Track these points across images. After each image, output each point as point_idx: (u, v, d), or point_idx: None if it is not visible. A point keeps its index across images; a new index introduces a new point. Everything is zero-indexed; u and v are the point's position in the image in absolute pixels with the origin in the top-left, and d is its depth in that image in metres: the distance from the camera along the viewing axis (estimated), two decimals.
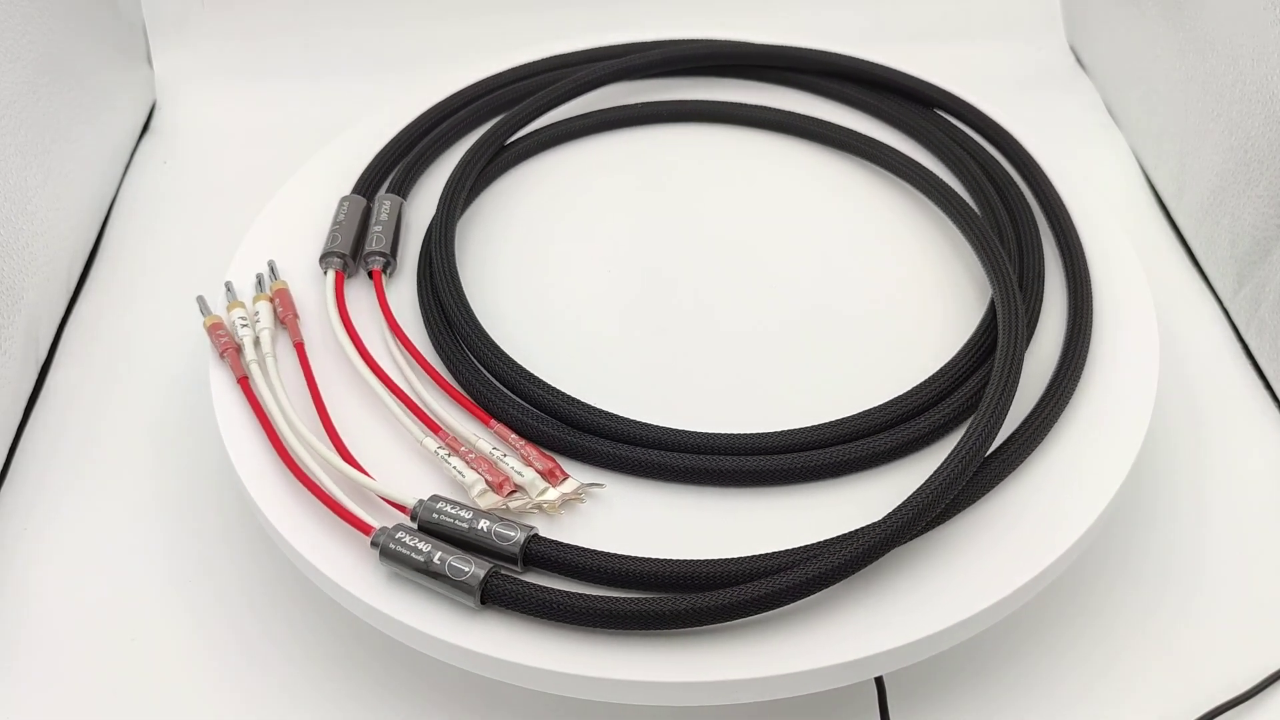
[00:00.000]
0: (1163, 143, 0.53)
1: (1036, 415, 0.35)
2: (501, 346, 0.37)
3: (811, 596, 0.30)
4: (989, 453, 0.33)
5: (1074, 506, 0.33)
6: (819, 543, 0.31)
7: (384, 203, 0.42)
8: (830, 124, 0.47)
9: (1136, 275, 0.40)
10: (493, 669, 0.30)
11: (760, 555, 0.31)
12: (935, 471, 0.32)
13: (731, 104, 0.49)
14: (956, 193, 0.43)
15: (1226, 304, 0.47)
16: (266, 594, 0.38)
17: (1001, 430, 0.33)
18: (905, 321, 0.40)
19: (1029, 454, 0.34)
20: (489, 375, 0.37)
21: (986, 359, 0.37)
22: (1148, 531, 0.39)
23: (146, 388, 0.45)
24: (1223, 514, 0.40)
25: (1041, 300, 0.39)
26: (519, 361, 0.37)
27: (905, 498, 0.31)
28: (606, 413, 0.35)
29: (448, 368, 0.37)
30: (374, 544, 0.31)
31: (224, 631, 0.37)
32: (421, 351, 0.38)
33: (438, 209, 0.42)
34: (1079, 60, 0.63)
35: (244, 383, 0.36)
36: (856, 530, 0.31)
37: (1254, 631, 0.36)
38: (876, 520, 0.31)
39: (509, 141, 0.46)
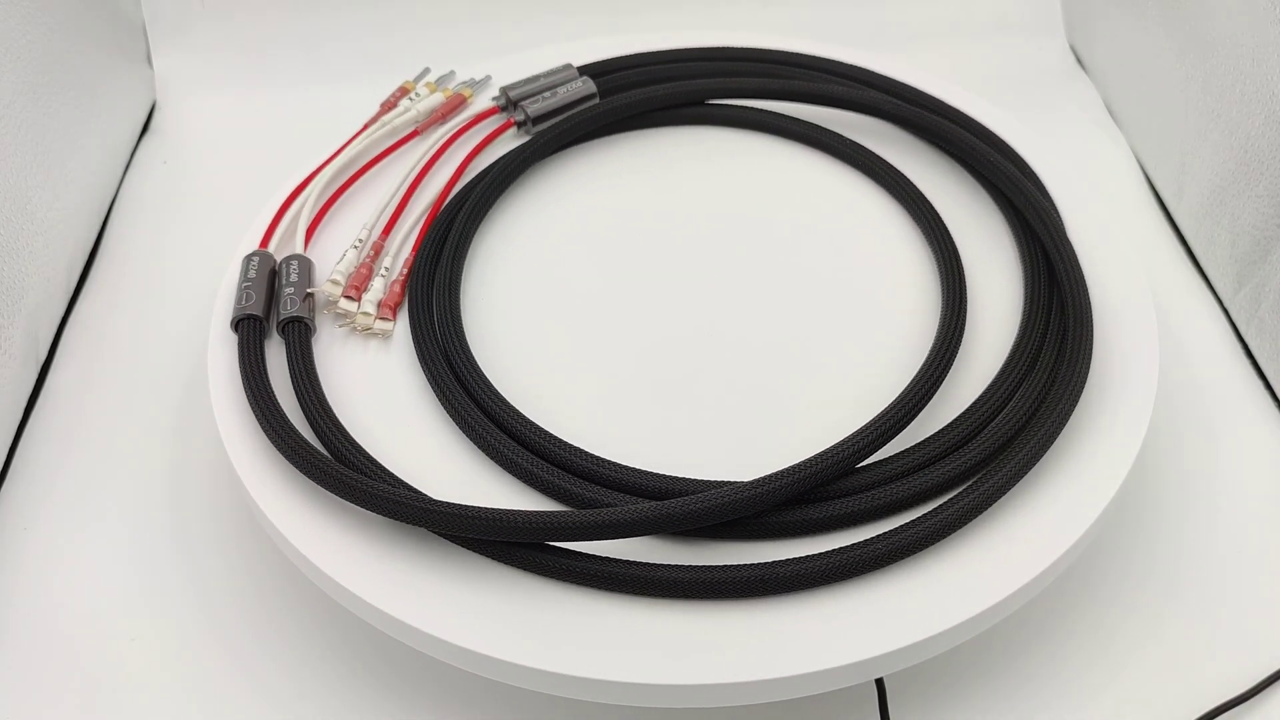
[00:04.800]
0: (1163, 143, 0.53)
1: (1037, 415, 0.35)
2: (501, 390, 0.36)
3: (812, 597, 0.30)
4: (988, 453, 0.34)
5: (1074, 507, 0.33)
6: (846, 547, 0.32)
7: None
8: (829, 131, 0.47)
9: (1136, 275, 0.40)
10: (492, 669, 0.30)
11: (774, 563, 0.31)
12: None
13: (726, 105, 0.49)
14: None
15: (1226, 304, 0.47)
16: (266, 594, 0.38)
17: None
18: (913, 338, 0.40)
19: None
20: (485, 416, 0.36)
21: (1024, 379, 0.36)
22: (1148, 532, 0.39)
23: (146, 388, 0.45)
24: (1223, 514, 0.40)
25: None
26: (524, 412, 0.36)
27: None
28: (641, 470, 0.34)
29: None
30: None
31: (224, 631, 0.37)
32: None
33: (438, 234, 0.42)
34: (1079, 60, 0.63)
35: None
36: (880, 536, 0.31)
37: (1254, 631, 0.37)
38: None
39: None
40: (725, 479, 0.33)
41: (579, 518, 0.31)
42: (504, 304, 0.41)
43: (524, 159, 0.45)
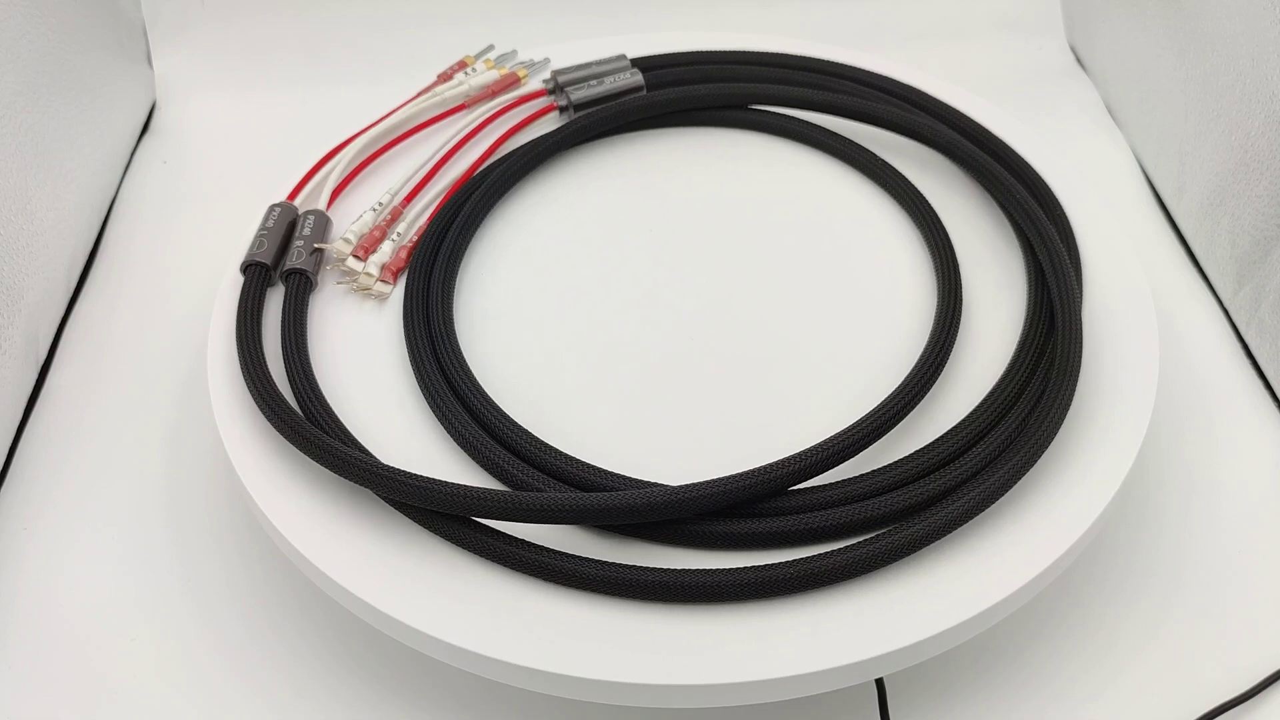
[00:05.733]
0: (1163, 143, 0.53)
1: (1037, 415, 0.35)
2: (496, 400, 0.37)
3: (811, 597, 0.30)
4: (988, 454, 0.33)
5: (1074, 506, 0.33)
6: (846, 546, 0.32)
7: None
8: (863, 148, 0.46)
9: (1137, 275, 0.40)
10: (492, 669, 0.30)
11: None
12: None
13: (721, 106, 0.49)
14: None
15: (1226, 304, 0.47)
16: (266, 594, 0.38)
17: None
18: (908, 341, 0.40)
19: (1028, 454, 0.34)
20: (476, 425, 0.36)
21: (1023, 391, 0.36)
22: (1148, 532, 0.39)
23: (146, 387, 0.45)
24: (1223, 514, 0.40)
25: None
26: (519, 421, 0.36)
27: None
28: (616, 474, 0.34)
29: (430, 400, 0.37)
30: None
31: (224, 631, 0.37)
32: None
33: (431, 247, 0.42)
34: (1079, 60, 0.63)
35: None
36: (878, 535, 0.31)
37: (1254, 631, 0.37)
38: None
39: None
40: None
41: (503, 497, 0.31)
42: (501, 290, 0.42)
43: (547, 146, 0.45)
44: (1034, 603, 0.33)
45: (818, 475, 0.33)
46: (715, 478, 0.32)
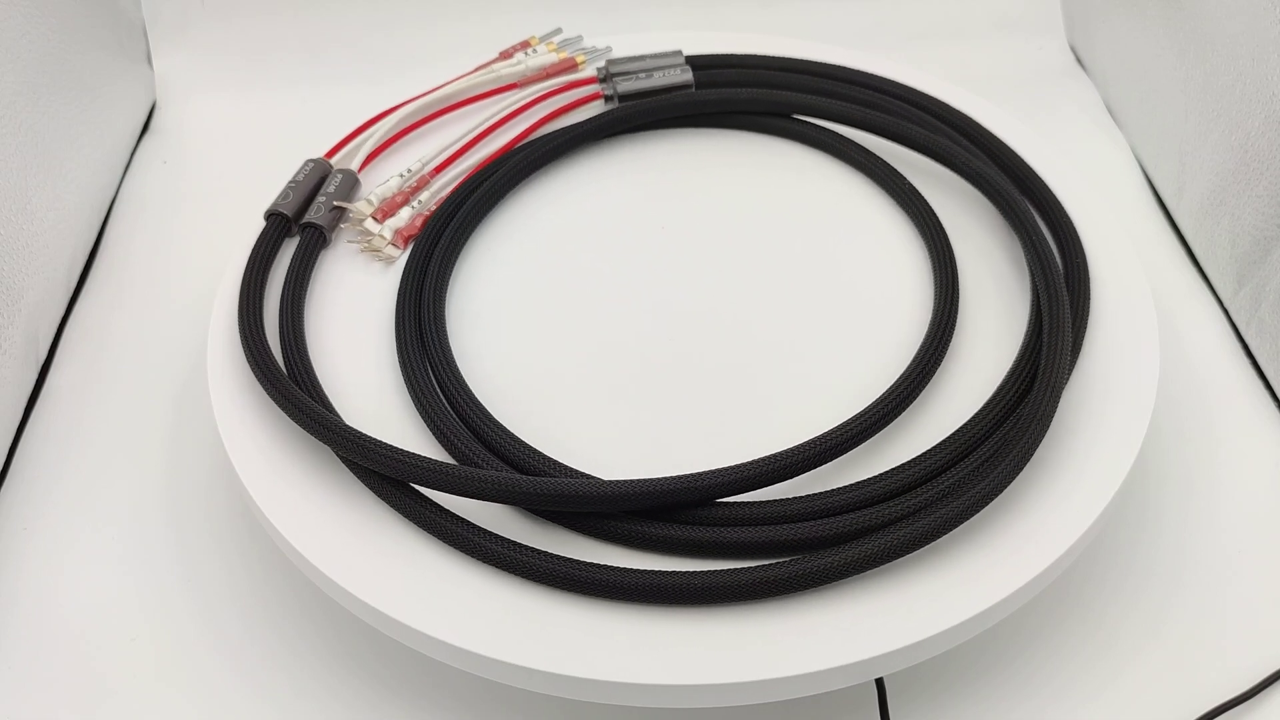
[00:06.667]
0: (1163, 143, 0.53)
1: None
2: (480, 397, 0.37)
3: (811, 597, 0.30)
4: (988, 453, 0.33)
5: (1074, 506, 0.33)
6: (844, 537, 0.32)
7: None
8: (889, 166, 0.46)
9: (1137, 275, 0.40)
10: (492, 669, 0.30)
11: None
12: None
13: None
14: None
15: (1226, 304, 0.47)
16: (266, 594, 0.38)
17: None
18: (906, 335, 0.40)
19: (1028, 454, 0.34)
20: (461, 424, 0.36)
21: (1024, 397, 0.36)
22: (1148, 532, 0.39)
23: (146, 387, 0.45)
24: (1222, 514, 0.40)
25: None
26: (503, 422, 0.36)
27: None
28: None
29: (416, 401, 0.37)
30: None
31: (224, 631, 0.37)
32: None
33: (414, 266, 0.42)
34: (1079, 60, 0.63)
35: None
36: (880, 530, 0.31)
37: (1254, 631, 0.36)
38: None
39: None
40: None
41: (437, 467, 0.32)
42: (504, 275, 0.42)
43: (571, 137, 0.46)
44: (1034, 603, 0.33)
45: (784, 480, 0.33)
46: (647, 478, 0.32)
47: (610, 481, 0.32)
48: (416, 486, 0.33)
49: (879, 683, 0.33)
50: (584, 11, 0.62)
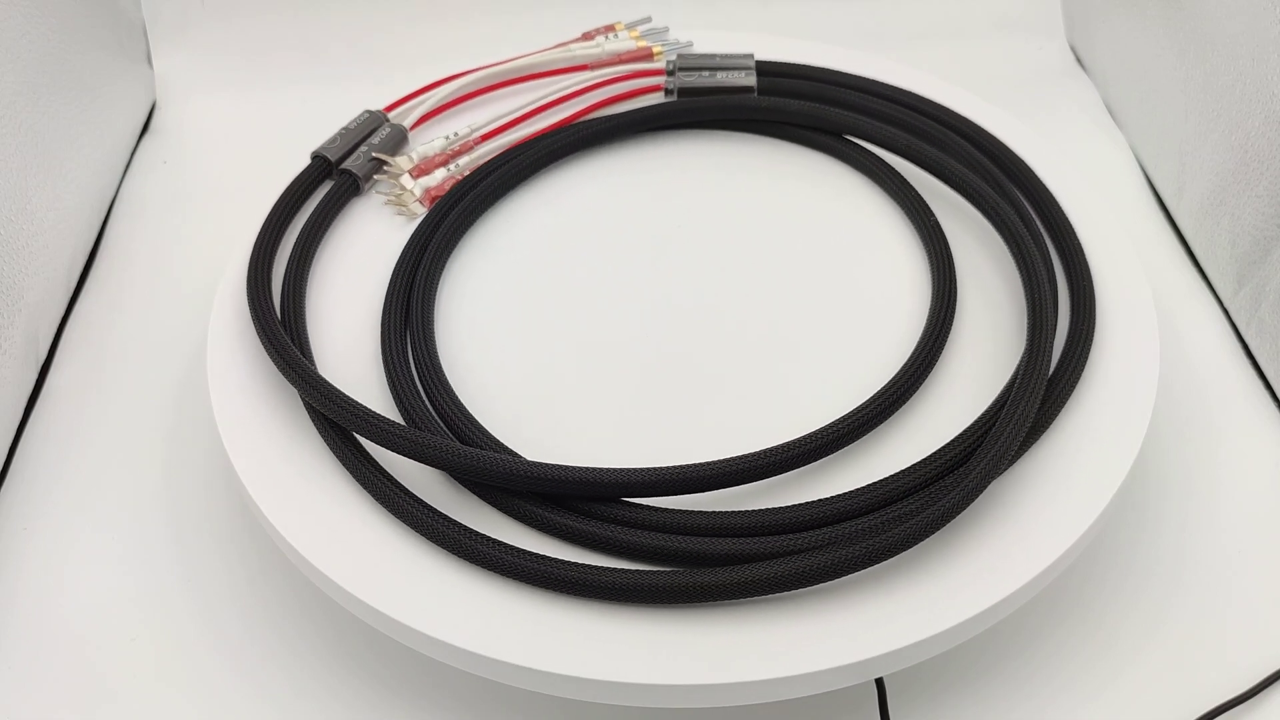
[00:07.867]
0: (1163, 143, 0.53)
1: (1036, 415, 0.35)
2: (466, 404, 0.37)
3: (811, 597, 0.30)
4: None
5: (1074, 506, 0.33)
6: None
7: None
8: (901, 178, 0.45)
9: (1136, 275, 0.40)
10: (492, 669, 0.30)
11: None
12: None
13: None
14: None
15: (1226, 304, 0.47)
16: (266, 594, 0.38)
17: None
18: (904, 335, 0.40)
19: (1028, 454, 0.34)
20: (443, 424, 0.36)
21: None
22: (1148, 532, 0.39)
23: (146, 387, 0.45)
24: (1222, 514, 0.40)
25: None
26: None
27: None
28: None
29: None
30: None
31: (224, 631, 0.37)
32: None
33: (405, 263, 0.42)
34: (1079, 60, 0.63)
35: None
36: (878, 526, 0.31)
37: (1254, 631, 0.36)
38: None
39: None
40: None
41: (396, 430, 0.33)
42: (504, 260, 0.43)
43: (611, 127, 0.46)
44: (1034, 603, 0.33)
45: (770, 477, 0.33)
46: (584, 466, 0.33)
47: (531, 462, 0.33)
48: (403, 484, 0.33)
49: (879, 683, 0.33)
50: (585, 10, 0.62)
